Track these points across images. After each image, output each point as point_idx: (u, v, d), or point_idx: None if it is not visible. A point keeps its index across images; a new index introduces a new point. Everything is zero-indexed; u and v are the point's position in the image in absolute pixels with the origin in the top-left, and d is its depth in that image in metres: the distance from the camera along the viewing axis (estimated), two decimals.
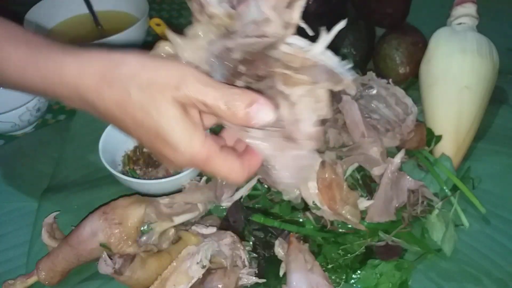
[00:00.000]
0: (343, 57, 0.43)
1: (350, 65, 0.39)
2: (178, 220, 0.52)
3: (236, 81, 0.37)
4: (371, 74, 0.61)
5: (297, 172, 0.40)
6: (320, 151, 0.52)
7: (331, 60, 0.38)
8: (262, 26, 0.35)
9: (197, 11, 0.37)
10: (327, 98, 0.39)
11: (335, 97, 0.57)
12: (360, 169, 0.55)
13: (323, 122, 0.39)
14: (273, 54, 0.37)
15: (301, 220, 0.53)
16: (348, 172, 0.54)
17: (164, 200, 0.53)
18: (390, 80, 0.61)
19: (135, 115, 0.32)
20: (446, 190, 0.56)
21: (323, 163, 0.50)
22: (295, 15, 0.37)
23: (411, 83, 0.70)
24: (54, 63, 0.33)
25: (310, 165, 0.40)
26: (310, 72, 0.39)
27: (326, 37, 0.38)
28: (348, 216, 0.50)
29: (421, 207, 0.55)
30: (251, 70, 0.37)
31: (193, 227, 0.51)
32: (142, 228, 0.51)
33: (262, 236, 0.52)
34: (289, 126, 0.39)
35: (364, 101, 0.60)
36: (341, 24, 0.38)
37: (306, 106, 0.39)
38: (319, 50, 0.38)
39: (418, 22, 0.75)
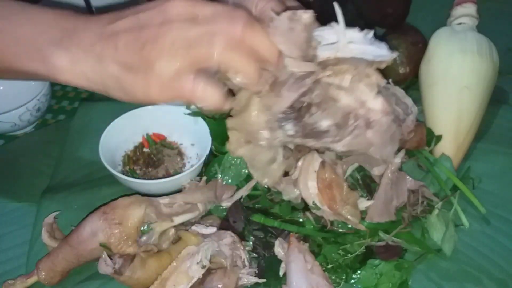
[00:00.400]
0: None
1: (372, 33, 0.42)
2: (178, 220, 0.52)
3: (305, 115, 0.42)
4: None
5: (392, 141, 0.45)
6: (320, 151, 0.52)
7: (362, 46, 0.41)
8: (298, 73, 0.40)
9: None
10: (375, 70, 0.43)
11: None
12: (360, 169, 0.55)
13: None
14: None
15: (301, 220, 0.53)
16: (348, 172, 0.54)
17: (164, 200, 0.53)
18: (390, 80, 0.60)
19: None
20: (446, 190, 0.56)
21: (323, 163, 0.51)
22: (315, 47, 0.41)
23: (411, 83, 0.70)
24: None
25: (397, 128, 0.45)
26: (349, 62, 0.41)
27: (340, 29, 0.40)
28: (348, 216, 0.50)
29: (421, 207, 0.55)
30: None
31: (193, 227, 0.51)
32: (142, 228, 0.51)
33: (262, 236, 0.52)
34: (360, 111, 0.43)
35: None
36: (338, 9, 0.40)
37: (363, 86, 0.43)
38: (344, 45, 0.40)
39: (418, 22, 0.75)
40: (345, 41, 0.41)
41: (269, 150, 0.47)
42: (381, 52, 0.42)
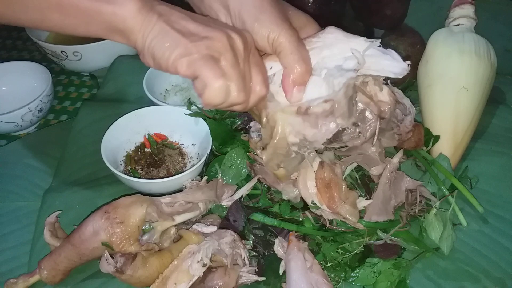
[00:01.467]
0: None
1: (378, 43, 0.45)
2: (179, 219, 0.52)
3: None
4: None
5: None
6: (319, 151, 0.52)
7: (378, 61, 0.45)
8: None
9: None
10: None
11: None
12: (358, 169, 0.55)
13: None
14: None
15: (300, 219, 0.54)
16: (347, 172, 0.54)
17: (166, 199, 0.53)
18: (389, 81, 0.61)
19: None
20: (444, 190, 0.57)
21: (322, 163, 0.51)
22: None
23: (409, 83, 0.70)
24: None
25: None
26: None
27: (359, 50, 0.44)
28: (347, 215, 0.50)
29: (419, 206, 0.55)
30: None
31: (194, 226, 0.51)
32: (143, 227, 0.51)
33: (262, 235, 0.53)
34: (372, 106, 0.48)
35: None
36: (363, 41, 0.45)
37: (372, 82, 0.48)
38: (362, 65, 0.44)
39: (416, 23, 0.76)
40: (363, 60, 0.43)
41: (297, 156, 0.50)
42: (397, 65, 0.44)
